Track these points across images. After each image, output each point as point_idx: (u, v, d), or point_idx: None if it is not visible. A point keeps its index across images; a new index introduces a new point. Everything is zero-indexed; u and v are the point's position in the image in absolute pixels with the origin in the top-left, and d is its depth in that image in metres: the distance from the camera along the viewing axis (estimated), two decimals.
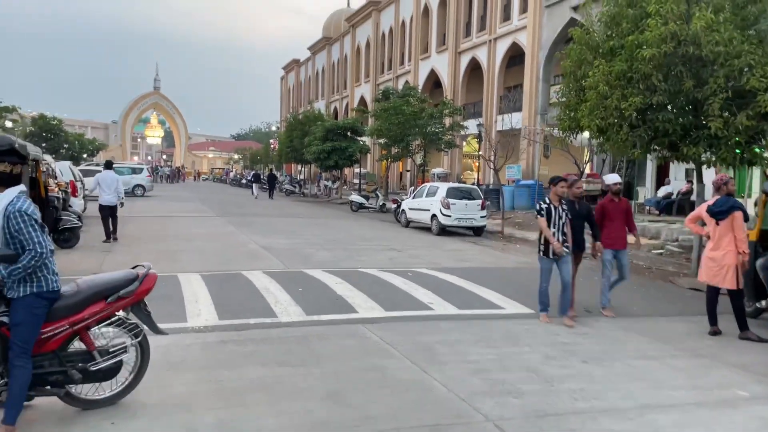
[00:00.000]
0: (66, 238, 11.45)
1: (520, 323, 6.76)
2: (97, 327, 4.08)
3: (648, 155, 9.79)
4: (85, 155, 40.09)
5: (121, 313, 4.15)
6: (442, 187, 17.05)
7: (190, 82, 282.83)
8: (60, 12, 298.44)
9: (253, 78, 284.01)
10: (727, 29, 8.33)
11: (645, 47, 8.68)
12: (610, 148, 10.00)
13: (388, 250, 12.75)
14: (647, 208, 19.69)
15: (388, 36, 45.28)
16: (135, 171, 31.61)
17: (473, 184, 34.08)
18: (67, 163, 15.56)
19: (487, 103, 32.01)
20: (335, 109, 55.43)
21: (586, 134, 11.59)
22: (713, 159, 9.29)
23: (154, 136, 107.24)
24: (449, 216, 16.49)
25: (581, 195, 7.37)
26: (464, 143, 31.52)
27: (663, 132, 9.19)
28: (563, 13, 26.64)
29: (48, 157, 15.08)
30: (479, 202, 16.92)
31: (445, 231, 16.77)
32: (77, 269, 8.50)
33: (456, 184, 18.05)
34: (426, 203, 17.37)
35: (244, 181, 50.38)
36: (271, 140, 58.81)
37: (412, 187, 28.94)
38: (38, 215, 3.73)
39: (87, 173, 26.74)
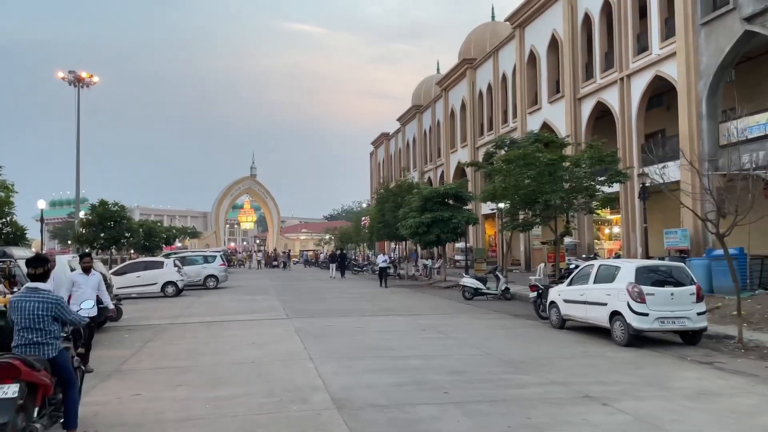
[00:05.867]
0: None
1: None
2: None
3: None
4: (162, 245, 37.50)
5: None
6: (626, 268, 10.62)
7: (284, 166, 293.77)
8: (157, 107, 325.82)
9: (344, 158, 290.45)
10: None
11: None
12: None
13: (577, 399, 6.51)
14: None
15: (486, 94, 40.24)
16: (207, 260, 27.41)
17: (616, 256, 26.99)
18: (65, 258, 10.86)
19: (625, 154, 25.39)
20: (429, 179, 50.47)
21: None
22: None
23: (248, 221, 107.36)
24: (645, 315, 9.98)
25: None
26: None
27: None
28: (731, 27, 20.14)
29: (21, 251, 10.46)
30: (692, 289, 10.32)
31: (638, 338, 10.24)
32: None
33: (650, 262, 11.52)
34: (597, 293, 10.98)
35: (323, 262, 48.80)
36: (363, 218, 54.36)
37: (543, 265, 22.42)
38: None
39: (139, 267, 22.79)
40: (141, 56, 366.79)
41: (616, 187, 22.52)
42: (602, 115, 28.39)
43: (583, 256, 26.20)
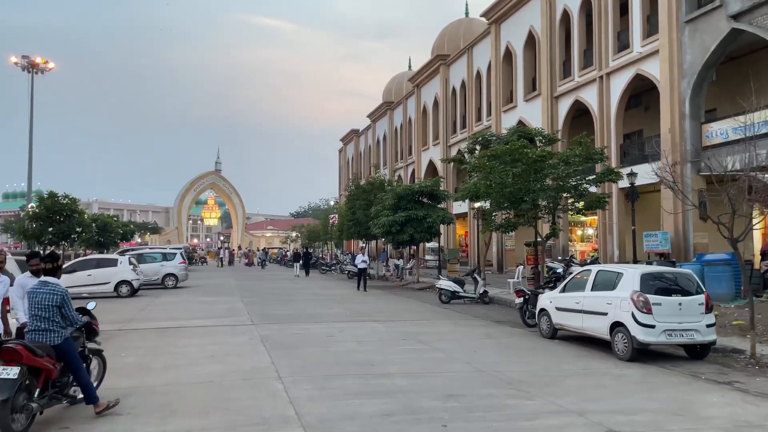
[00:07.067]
0: None
1: None
2: None
3: None
4: (119, 240, 35.41)
5: None
6: (629, 274, 9.68)
7: (250, 162, 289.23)
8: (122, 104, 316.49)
9: (312, 156, 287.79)
10: None
11: None
12: None
13: None
14: None
15: (459, 91, 39.35)
16: (166, 257, 25.71)
17: (593, 259, 26.39)
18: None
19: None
20: (399, 177, 49.46)
21: None
22: None
23: (212, 217, 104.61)
24: (651, 326, 9.06)
25: None
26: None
27: None
28: (717, 25, 19.58)
29: None
30: (700, 298, 9.45)
31: (641, 352, 9.31)
32: None
33: (655, 268, 10.62)
34: (596, 301, 10.03)
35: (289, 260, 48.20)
36: (331, 216, 52.93)
37: (521, 267, 21.62)
38: None
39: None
40: (105, 47, 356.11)
41: (594, 188, 21.85)
42: (579, 114, 27.78)
43: (559, 258, 25.52)
